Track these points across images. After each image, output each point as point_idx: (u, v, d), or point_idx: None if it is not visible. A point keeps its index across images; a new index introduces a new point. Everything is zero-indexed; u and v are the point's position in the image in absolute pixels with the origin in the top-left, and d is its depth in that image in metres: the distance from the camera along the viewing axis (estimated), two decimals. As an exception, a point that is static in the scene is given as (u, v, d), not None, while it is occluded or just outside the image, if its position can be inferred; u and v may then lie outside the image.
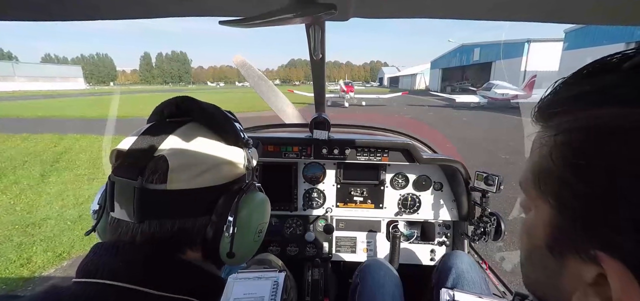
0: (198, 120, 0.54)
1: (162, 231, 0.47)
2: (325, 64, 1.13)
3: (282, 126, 1.99)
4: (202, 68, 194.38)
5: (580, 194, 0.25)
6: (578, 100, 0.27)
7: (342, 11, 0.55)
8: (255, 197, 0.55)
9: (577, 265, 0.27)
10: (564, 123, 0.28)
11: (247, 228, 0.53)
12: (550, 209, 0.29)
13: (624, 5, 0.47)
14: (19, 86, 60.37)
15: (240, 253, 0.53)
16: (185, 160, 0.47)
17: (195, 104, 0.54)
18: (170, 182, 0.46)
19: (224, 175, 0.52)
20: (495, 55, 31.06)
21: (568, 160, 0.26)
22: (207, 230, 0.50)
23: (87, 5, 0.51)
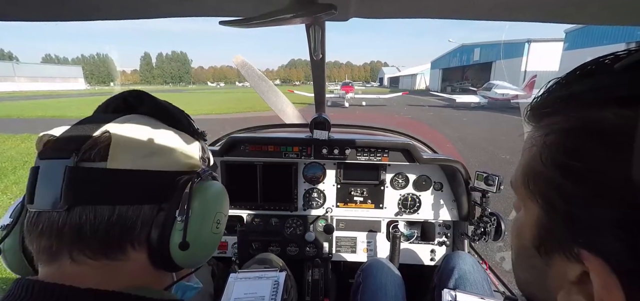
0: (148, 113, 0.49)
1: (96, 221, 0.38)
2: (325, 64, 1.13)
3: (282, 126, 1.99)
4: (202, 68, 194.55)
5: (566, 194, 0.26)
6: (569, 101, 0.27)
7: (342, 11, 0.55)
8: (212, 184, 0.51)
9: (562, 264, 0.27)
10: (555, 123, 0.28)
11: (203, 215, 0.47)
12: (538, 209, 0.30)
13: (624, 5, 0.47)
14: (19, 86, 60.47)
15: (196, 245, 0.46)
16: (132, 138, 0.42)
17: (146, 97, 0.49)
18: (112, 159, 0.39)
19: (177, 161, 0.46)
20: (496, 55, 31.06)
21: (556, 161, 0.27)
22: (156, 219, 0.43)
23: (87, 5, 0.52)
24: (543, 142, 0.28)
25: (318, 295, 1.45)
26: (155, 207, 0.43)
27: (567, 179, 0.25)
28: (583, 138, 0.25)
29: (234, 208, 1.57)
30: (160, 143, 0.45)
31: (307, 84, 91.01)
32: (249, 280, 0.98)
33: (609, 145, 0.23)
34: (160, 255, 0.44)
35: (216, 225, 0.50)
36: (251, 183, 1.53)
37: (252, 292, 0.93)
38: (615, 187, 0.22)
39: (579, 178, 0.25)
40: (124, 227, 0.40)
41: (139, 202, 0.42)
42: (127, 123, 0.43)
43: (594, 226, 0.24)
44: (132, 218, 0.41)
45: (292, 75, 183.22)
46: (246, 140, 1.45)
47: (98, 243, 0.39)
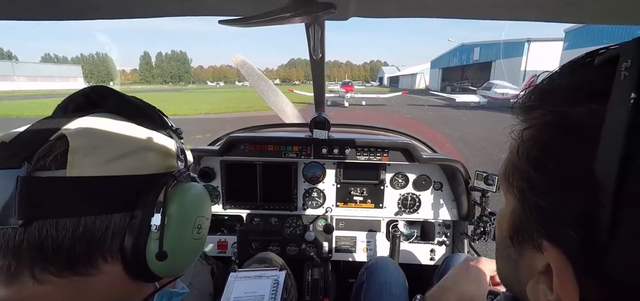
0: (114, 110, 0.44)
1: (58, 236, 0.34)
2: (325, 63, 1.13)
3: (282, 126, 1.99)
4: (202, 67, 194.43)
5: (536, 187, 0.27)
6: (550, 96, 0.28)
7: (341, 11, 0.55)
8: (190, 186, 0.47)
9: (532, 254, 0.29)
10: (534, 118, 0.29)
11: (182, 221, 0.43)
12: (514, 201, 0.31)
13: (624, 5, 0.47)
14: (18, 86, 60.40)
15: (175, 253, 0.42)
16: (95, 140, 0.37)
17: (110, 93, 0.44)
18: (72, 166, 0.34)
19: (149, 163, 0.41)
20: (495, 55, 31.07)
21: (531, 156, 0.28)
22: (129, 227, 0.39)
23: (87, 5, 0.51)
24: (521, 136, 0.29)
25: (318, 294, 1.45)
26: (128, 214, 0.39)
27: (538, 173, 0.27)
28: (556, 133, 0.26)
29: (233, 207, 1.57)
30: (128, 145, 0.40)
31: (307, 84, 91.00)
32: (248, 279, 0.99)
33: (577, 140, 0.24)
34: (136, 265, 0.40)
35: (197, 230, 0.46)
36: (251, 183, 1.53)
37: (252, 291, 0.93)
38: (578, 182, 0.23)
39: (547, 172, 0.26)
40: (92, 240, 0.36)
41: (107, 211, 0.37)
42: (89, 124, 0.39)
43: (556, 218, 0.25)
44: (100, 229, 0.37)
45: (291, 74, 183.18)
46: (246, 140, 1.45)
47: (63, 260, 0.35)
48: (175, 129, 0.49)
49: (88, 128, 0.38)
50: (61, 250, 0.35)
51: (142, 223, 0.39)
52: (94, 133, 0.38)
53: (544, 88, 0.29)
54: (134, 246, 0.39)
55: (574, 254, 0.24)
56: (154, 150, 0.43)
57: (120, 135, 0.40)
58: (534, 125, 0.28)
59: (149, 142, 0.43)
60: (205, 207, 0.49)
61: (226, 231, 1.64)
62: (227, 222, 1.68)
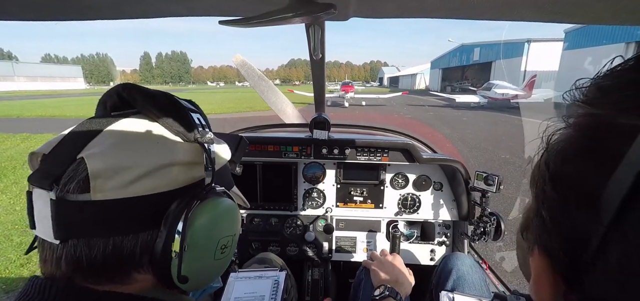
0: (143, 111, 0.43)
1: (91, 253, 0.36)
2: (325, 63, 1.13)
3: (282, 126, 1.99)
4: (202, 68, 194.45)
5: (545, 195, 0.27)
6: (590, 95, 0.25)
7: (341, 11, 0.55)
8: (216, 204, 0.44)
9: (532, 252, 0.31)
10: (562, 124, 0.28)
11: (202, 245, 0.42)
12: (532, 197, 0.32)
13: (624, 5, 0.47)
14: (18, 86, 60.43)
15: (196, 277, 0.42)
16: (116, 162, 0.37)
17: (139, 92, 0.43)
18: (95, 191, 0.36)
19: (174, 179, 0.41)
20: (495, 55, 31.08)
21: (549, 161, 0.28)
22: (155, 246, 0.39)
23: (87, 5, 0.51)
24: (547, 139, 0.29)
25: (318, 294, 1.45)
26: (155, 231, 0.39)
27: (548, 180, 0.27)
28: (574, 145, 0.25)
29: None
30: (151, 162, 0.39)
31: (307, 84, 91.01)
32: (249, 279, 0.98)
33: (596, 161, 0.23)
34: (164, 279, 0.41)
35: (220, 251, 0.45)
36: (251, 183, 1.53)
37: (252, 291, 0.93)
38: (581, 202, 0.23)
39: (557, 183, 0.26)
40: (122, 257, 0.38)
41: (133, 231, 0.38)
42: (115, 135, 0.39)
43: (550, 230, 0.26)
44: (129, 246, 0.38)
45: (291, 74, 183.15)
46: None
47: (99, 273, 0.38)
48: (203, 134, 0.44)
49: (110, 150, 0.38)
50: (95, 264, 0.37)
51: (164, 244, 0.39)
52: (114, 155, 0.38)
53: (593, 85, 0.25)
54: (159, 265, 0.40)
55: (558, 267, 0.26)
56: (178, 163, 0.41)
57: (144, 152, 0.39)
58: (572, 124, 0.27)
59: (174, 156, 0.41)
60: (231, 225, 0.47)
61: None
62: None
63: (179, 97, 0.46)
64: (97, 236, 0.37)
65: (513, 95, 17.70)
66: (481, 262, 1.44)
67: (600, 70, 0.25)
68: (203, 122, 0.46)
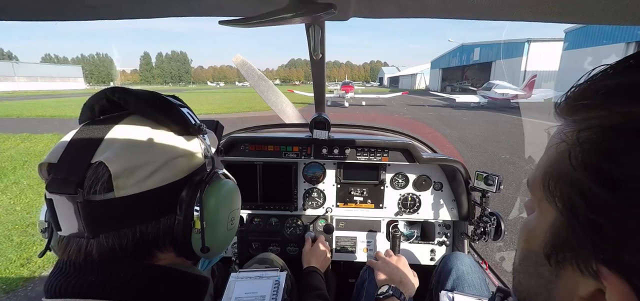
0: (136, 112, 0.47)
1: (122, 242, 0.42)
2: (325, 63, 1.13)
3: (282, 126, 1.99)
4: (202, 68, 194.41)
5: (594, 201, 0.22)
6: (616, 93, 0.23)
7: (341, 11, 0.55)
8: (221, 185, 0.51)
9: (574, 277, 0.25)
10: (593, 118, 0.24)
11: (217, 220, 0.49)
12: (555, 213, 0.27)
13: (624, 5, 0.47)
14: (19, 86, 60.47)
15: (214, 247, 0.50)
16: (130, 162, 0.42)
17: (129, 94, 0.47)
18: (118, 188, 0.40)
19: (181, 169, 0.46)
20: (496, 55, 31.08)
21: (589, 162, 0.23)
22: (175, 228, 0.46)
23: (87, 5, 0.51)
24: (575, 139, 0.25)
25: None
26: (172, 216, 0.46)
27: (599, 184, 0.22)
28: (627, 139, 0.21)
29: None
30: (159, 158, 0.44)
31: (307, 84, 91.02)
32: (249, 279, 0.98)
33: None
34: (185, 254, 0.48)
35: (230, 222, 0.53)
36: (251, 183, 1.53)
37: (253, 292, 0.93)
38: None
39: (614, 185, 0.21)
40: (147, 241, 0.44)
41: (154, 218, 0.44)
42: (119, 144, 0.43)
43: (620, 241, 0.21)
44: (153, 232, 0.44)
45: (292, 74, 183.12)
46: (246, 140, 1.45)
47: (128, 256, 0.43)
48: (197, 127, 0.50)
49: (121, 151, 0.42)
50: (127, 251, 0.42)
51: (184, 224, 0.46)
52: (127, 156, 0.42)
53: (606, 85, 0.24)
54: (181, 243, 0.46)
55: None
56: (181, 155, 0.47)
57: (152, 150, 0.44)
58: (594, 126, 0.24)
59: (176, 149, 0.47)
60: (236, 201, 0.56)
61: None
62: None
63: (165, 94, 0.50)
64: (125, 227, 0.42)
65: (513, 95, 17.71)
66: (481, 262, 1.44)
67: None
68: (193, 116, 0.52)
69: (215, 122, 0.64)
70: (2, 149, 7.15)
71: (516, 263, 0.34)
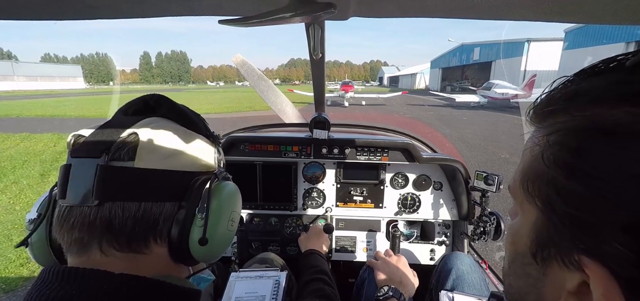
0: (167, 116, 0.52)
1: (124, 216, 0.42)
2: (325, 63, 1.13)
3: (282, 126, 1.99)
4: (202, 67, 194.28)
5: (568, 195, 0.24)
6: (576, 99, 0.26)
7: (341, 10, 0.55)
8: (226, 185, 0.54)
9: (560, 272, 0.26)
10: (559, 123, 0.27)
11: (220, 214, 0.50)
12: (536, 212, 0.28)
13: (624, 5, 0.47)
14: (18, 85, 60.39)
15: (213, 240, 0.49)
16: (157, 139, 0.45)
17: (164, 101, 0.53)
18: (139, 159, 0.42)
19: (196, 162, 0.50)
20: (495, 55, 31.07)
21: (560, 160, 0.25)
22: (177, 216, 0.46)
23: (86, 5, 0.51)
24: (546, 142, 0.27)
25: None
26: (176, 204, 0.47)
27: (570, 179, 0.24)
28: (590, 137, 0.24)
29: None
30: (180, 146, 0.48)
31: (307, 84, 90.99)
32: (249, 279, 0.98)
33: (618, 145, 0.22)
34: (180, 249, 0.47)
35: (231, 222, 0.54)
36: (251, 183, 1.53)
37: (253, 291, 0.93)
38: (622, 189, 0.21)
39: (583, 178, 0.23)
40: (148, 222, 0.44)
41: (161, 199, 0.45)
42: (151, 126, 0.47)
43: (596, 230, 0.22)
44: (155, 214, 0.44)
45: (291, 74, 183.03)
46: (246, 140, 1.45)
47: (125, 237, 0.42)
48: (215, 136, 0.57)
49: (151, 129, 0.46)
50: (125, 227, 0.42)
51: (188, 212, 0.47)
52: (157, 134, 0.45)
53: (567, 92, 0.27)
54: (180, 232, 0.46)
55: (622, 270, 0.21)
56: (199, 151, 0.51)
57: (174, 138, 0.48)
58: (560, 130, 0.26)
59: (196, 145, 0.51)
60: (238, 203, 0.57)
61: None
62: None
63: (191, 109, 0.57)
64: (131, 200, 0.42)
65: (513, 94, 17.71)
66: (481, 262, 1.45)
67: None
68: (207, 125, 0.58)
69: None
70: (2, 148, 7.15)
71: (506, 267, 0.35)
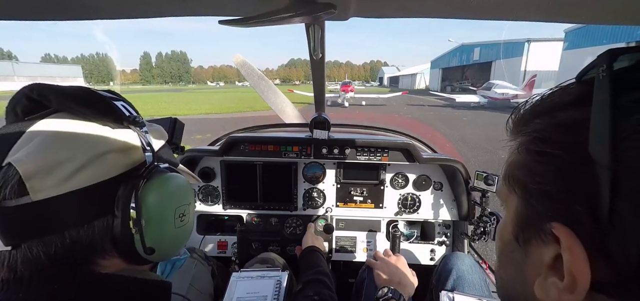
0: (60, 109, 0.42)
1: (49, 251, 0.37)
2: (325, 63, 1.13)
3: (282, 126, 1.99)
4: (202, 67, 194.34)
5: (538, 174, 0.29)
6: (541, 110, 0.31)
7: (341, 10, 0.55)
8: (164, 180, 0.46)
9: (538, 249, 0.29)
10: (528, 128, 0.32)
11: (160, 217, 0.45)
12: (517, 200, 0.32)
13: (624, 5, 0.47)
14: (18, 86, 59.52)
15: (162, 245, 0.45)
16: (46, 161, 0.37)
17: (49, 90, 0.42)
18: (34, 191, 0.35)
19: (114, 165, 0.41)
20: (495, 55, 31.06)
21: (530, 149, 0.30)
22: (113, 229, 0.41)
23: (87, 5, 0.51)
24: (520, 140, 0.33)
25: None
26: (108, 218, 0.41)
27: (539, 161, 0.29)
28: (551, 130, 0.29)
29: (233, 208, 1.57)
30: (84, 154, 0.39)
31: (307, 84, 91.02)
32: (251, 279, 0.99)
33: (570, 131, 0.27)
34: (131, 258, 0.43)
35: (180, 219, 0.48)
36: (251, 183, 1.53)
37: (255, 292, 0.93)
38: (577, 162, 0.26)
39: (548, 157, 0.28)
40: (82, 247, 0.39)
41: (87, 221, 0.39)
42: (38, 135, 0.38)
43: (562, 197, 0.27)
44: (86, 237, 0.39)
45: (292, 74, 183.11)
46: (246, 140, 1.45)
47: (62, 265, 0.38)
48: (133, 119, 0.45)
49: (37, 150, 0.37)
50: (56, 260, 0.37)
51: (122, 224, 0.41)
52: (46, 153, 0.37)
53: (535, 107, 0.32)
54: (123, 246, 0.41)
55: (583, 230, 0.25)
56: (114, 150, 0.42)
57: (74, 146, 0.39)
58: (530, 131, 0.31)
59: (106, 144, 0.41)
60: (183, 194, 0.50)
61: (226, 232, 1.64)
62: (227, 222, 1.68)
63: (98, 89, 0.46)
64: (50, 234, 0.37)
65: (513, 95, 17.71)
66: (481, 262, 1.44)
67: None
68: (129, 108, 0.47)
69: (173, 119, 0.62)
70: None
71: (496, 263, 0.39)
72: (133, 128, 0.45)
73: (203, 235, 1.58)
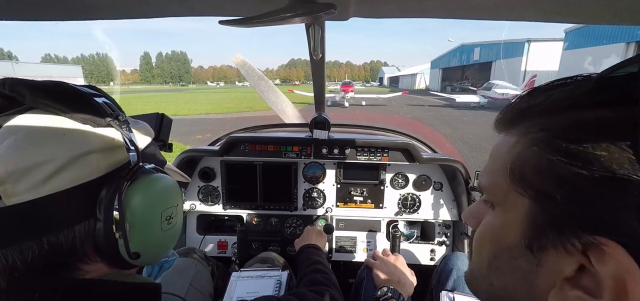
0: (35, 106, 0.39)
1: (26, 258, 0.34)
2: (325, 63, 1.13)
3: (282, 126, 1.99)
4: (202, 68, 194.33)
5: (569, 181, 0.25)
6: (555, 107, 0.28)
7: (341, 11, 0.55)
8: (149, 181, 0.44)
9: (557, 259, 0.26)
10: (540, 123, 0.28)
11: (146, 221, 0.42)
12: (528, 203, 0.28)
13: (624, 5, 0.47)
14: (19, 86, 60.28)
15: (147, 249, 0.43)
16: (19, 164, 0.34)
17: (22, 86, 0.39)
18: (7, 196, 0.33)
19: (96, 166, 0.39)
20: (496, 55, 31.05)
21: (558, 147, 0.26)
22: (96, 233, 0.38)
23: (87, 5, 0.51)
24: (534, 137, 0.28)
25: None
26: (90, 221, 0.38)
27: (568, 165, 0.24)
28: (583, 130, 0.25)
29: (233, 208, 1.57)
30: (63, 154, 0.36)
31: (307, 84, 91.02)
32: (251, 278, 0.99)
33: (612, 134, 0.24)
34: (115, 262, 0.41)
35: (167, 222, 0.45)
36: (251, 183, 1.53)
37: (255, 291, 0.93)
38: (629, 169, 0.22)
39: (582, 163, 0.24)
40: (63, 252, 0.36)
41: (67, 226, 0.36)
42: (11, 136, 0.36)
43: (603, 209, 0.23)
44: (66, 242, 0.36)
45: (292, 74, 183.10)
46: (246, 140, 1.45)
47: (43, 272, 0.36)
48: (115, 116, 0.42)
49: (9, 153, 0.34)
50: (35, 267, 0.35)
51: (105, 229, 0.38)
52: (19, 153, 0.34)
53: (551, 100, 0.28)
54: (106, 251, 0.39)
55: (633, 246, 0.22)
56: (95, 150, 0.39)
57: (51, 146, 0.36)
58: (548, 127, 0.28)
59: (87, 143, 0.38)
60: (170, 196, 0.47)
61: (227, 231, 1.64)
62: (227, 222, 1.68)
63: (77, 84, 0.43)
64: (27, 240, 0.34)
65: (513, 95, 17.66)
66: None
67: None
68: (111, 105, 0.44)
69: (160, 115, 0.59)
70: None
71: (483, 268, 0.34)
72: (116, 127, 0.42)
73: (203, 235, 1.58)
